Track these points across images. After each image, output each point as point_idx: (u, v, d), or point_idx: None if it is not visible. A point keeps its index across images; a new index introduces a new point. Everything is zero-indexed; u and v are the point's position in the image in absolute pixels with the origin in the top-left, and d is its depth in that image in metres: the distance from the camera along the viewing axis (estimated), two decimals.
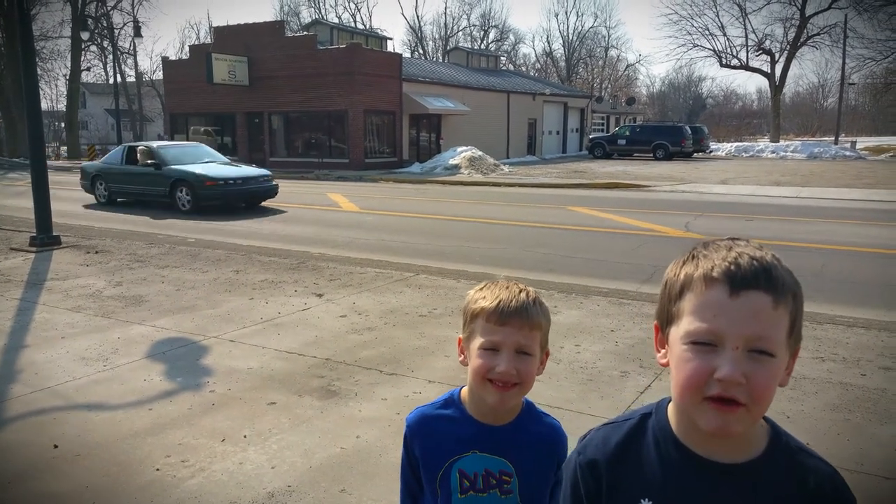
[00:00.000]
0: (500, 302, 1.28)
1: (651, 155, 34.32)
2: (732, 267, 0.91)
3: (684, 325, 0.94)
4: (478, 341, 1.28)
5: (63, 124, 46.37)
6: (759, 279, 0.90)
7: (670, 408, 1.02)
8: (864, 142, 47.95)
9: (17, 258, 8.08)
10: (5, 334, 5.02)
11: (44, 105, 9.48)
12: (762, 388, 0.89)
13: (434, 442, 1.35)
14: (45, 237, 8.72)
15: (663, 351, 1.01)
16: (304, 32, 33.59)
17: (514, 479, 1.32)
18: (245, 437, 3.32)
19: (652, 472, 1.00)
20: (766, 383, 0.90)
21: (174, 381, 4.08)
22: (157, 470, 2.99)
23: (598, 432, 1.09)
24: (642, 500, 0.99)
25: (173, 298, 6.10)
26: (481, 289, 1.34)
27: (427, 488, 1.37)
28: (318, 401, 3.77)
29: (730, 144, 42.55)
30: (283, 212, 13.54)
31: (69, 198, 15.67)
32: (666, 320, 1.00)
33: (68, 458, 3.10)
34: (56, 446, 3.20)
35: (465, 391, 1.38)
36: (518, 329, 1.27)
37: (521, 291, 1.31)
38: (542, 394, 3.84)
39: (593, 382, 4.05)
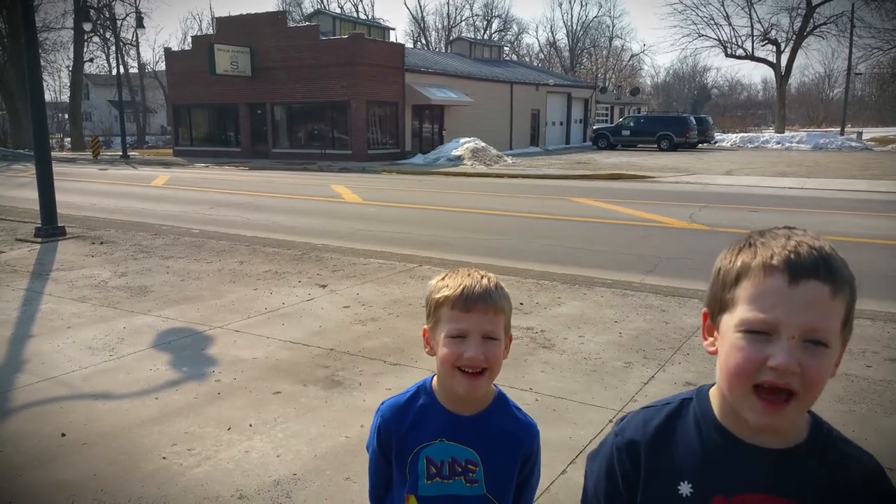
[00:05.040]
0: (463, 289, 1.28)
1: (655, 146, 34.20)
2: (793, 256, 0.90)
3: (739, 313, 0.92)
4: (444, 329, 1.29)
5: (66, 116, 46.36)
6: (819, 269, 0.89)
7: (712, 392, 1.02)
8: (870, 132, 47.65)
9: (23, 249, 8.11)
10: (12, 324, 5.05)
11: (47, 96, 9.50)
12: (816, 377, 0.89)
13: (405, 429, 1.37)
14: (50, 228, 8.75)
15: (711, 339, 1.00)
16: (307, 23, 33.47)
17: (480, 468, 1.34)
18: (251, 425, 3.33)
19: (692, 456, 1.00)
20: (821, 373, 0.89)
21: (180, 370, 4.10)
22: (164, 458, 3.01)
23: (636, 415, 1.08)
24: (681, 483, 0.99)
25: (178, 289, 6.12)
26: (443, 278, 1.34)
27: (397, 475, 1.39)
28: (322, 390, 3.78)
29: (735, 135, 42.38)
30: (288, 203, 13.54)
31: (74, 189, 15.71)
32: (718, 308, 0.98)
33: (76, 446, 3.12)
34: (63, 435, 3.22)
35: (435, 380, 1.39)
36: (483, 315, 1.27)
37: (482, 277, 1.32)
38: (546, 384, 3.86)
39: (597, 373, 4.05)
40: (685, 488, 0.99)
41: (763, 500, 0.95)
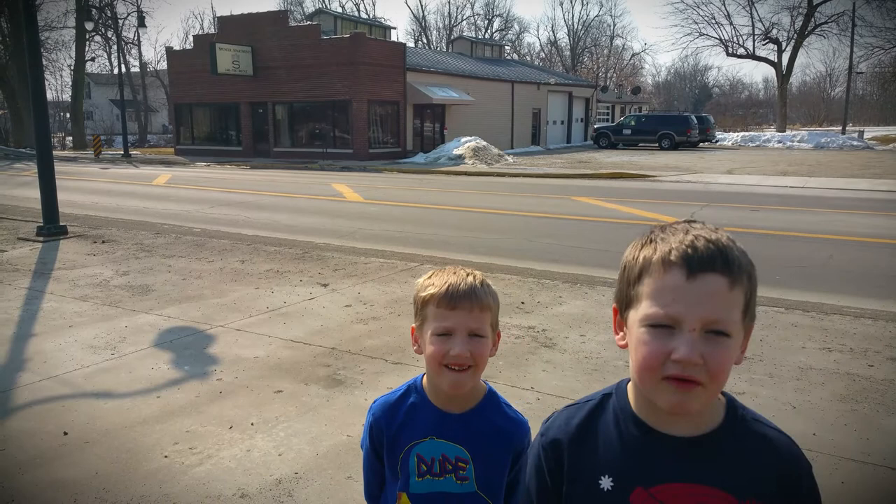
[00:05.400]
0: (449, 287, 1.29)
1: (656, 145, 34.17)
2: (689, 250, 0.92)
3: (643, 309, 0.94)
4: (430, 327, 1.30)
5: (68, 115, 46.38)
6: (716, 262, 0.91)
7: (630, 387, 1.04)
8: (871, 131, 47.59)
9: (25, 248, 8.12)
10: (14, 323, 5.05)
11: (49, 96, 9.50)
12: (719, 367, 0.91)
13: (396, 427, 1.38)
14: (52, 227, 8.75)
15: (622, 333, 1.02)
16: (308, 22, 33.45)
17: (471, 465, 1.35)
18: (252, 424, 3.34)
19: (612, 450, 1.01)
20: (723, 363, 0.91)
21: (181, 369, 4.11)
22: (166, 457, 3.01)
23: (560, 414, 1.10)
24: (602, 478, 1.01)
25: (180, 288, 6.12)
26: (429, 276, 1.35)
27: (389, 472, 1.41)
28: (324, 389, 3.79)
29: (736, 134, 42.32)
30: (289, 201, 13.55)
31: (75, 188, 15.72)
32: (625, 304, 1.00)
33: (78, 445, 3.12)
34: (66, 433, 3.22)
35: (425, 378, 1.40)
36: (469, 312, 1.29)
37: (468, 275, 1.33)
38: (548, 383, 3.86)
39: (598, 372, 4.06)
40: (606, 482, 1.00)
41: (682, 488, 0.96)
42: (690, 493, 0.96)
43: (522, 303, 5.57)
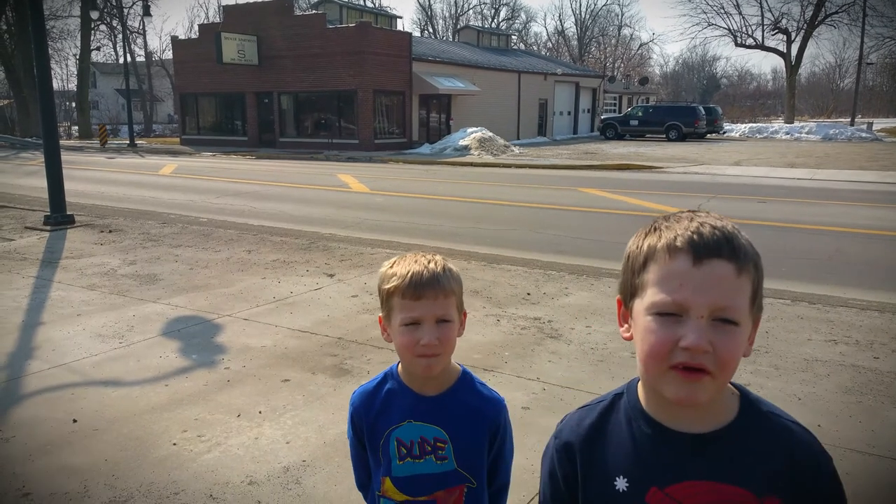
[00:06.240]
0: (412, 276, 1.30)
1: (664, 136, 33.99)
2: (695, 236, 0.91)
3: (649, 297, 0.93)
4: (398, 318, 1.32)
5: (74, 104, 46.45)
6: (722, 248, 0.90)
7: (640, 385, 1.02)
8: (881, 123, 47.23)
9: (32, 237, 8.17)
10: (22, 311, 5.09)
11: (54, 85, 9.51)
12: (728, 356, 0.89)
13: (374, 415, 1.41)
14: (59, 216, 8.80)
15: (626, 325, 1.01)
16: (313, 11, 33.31)
17: (449, 445, 1.38)
18: (260, 412, 3.36)
19: (625, 451, 1.00)
20: (732, 351, 0.89)
21: (189, 358, 4.14)
22: (174, 444, 3.04)
23: (572, 416, 1.09)
24: (617, 479, 0.99)
25: (187, 277, 6.15)
26: (391, 266, 1.36)
27: (372, 459, 1.44)
28: (331, 378, 3.81)
29: (744, 125, 42.08)
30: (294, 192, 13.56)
31: (82, 177, 15.77)
32: (629, 294, 0.99)
33: (87, 432, 3.16)
34: (75, 421, 3.26)
35: (400, 365, 1.43)
36: (434, 300, 1.30)
37: (430, 262, 1.33)
38: (553, 374, 3.87)
39: (604, 363, 4.06)
40: (621, 483, 0.99)
41: (697, 486, 0.94)
42: (707, 490, 0.94)
43: (528, 294, 5.58)
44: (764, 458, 0.95)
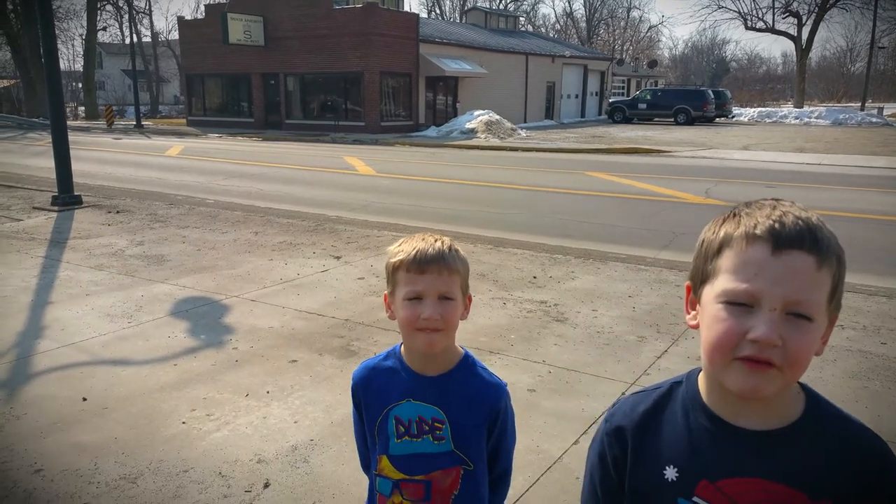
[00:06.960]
0: (417, 252, 1.32)
1: (672, 120, 33.73)
2: (777, 225, 0.87)
3: (720, 284, 0.89)
4: (401, 292, 1.33)
5: (80, 85, 46.37)
6: (804, 239, 0.86)
7: (701, 376, 1.00)
8: (891, 108, 46.67)
9: (40, 217, 8.20)
10: (31, 291, 5.13)
11: (61, 65, 9.49)
12: (799, 352, 0.85)
13: (374, 391, 1.43)
14: (66, 197, 8.82)
15: (693, 312, 0.97)
16: None
17: (447, 425, 1.39)
18: (268, 392, 3.39)
19: (679, 441, 0.97)
20: (804, 347, 0.85)
21: (198, 338, 4.16)
22: (183, 423, 3.08)
23: (626, 400, 1.07)
24: (667, 468, 0.97)
25: (194, 258, 6.18)
26: (399, 244, 1.38)
27: (370, 437, 1.45)
28: (338, 359, 3.83)
29: (753, 109, 41.64)
30: (301, 174, 13.55)
31: (89, 158, 15.79)
32: (700, 280, 0.95)
33: (97, 410, 3.19)
34: (85, 399, 3.29)
35: (403, 345, 1.45)
36: (437, 275, 1.32)
37: (436, 241, 1.35)
38: (559, 357, 3.88)
39: (610, 347, 4.07)
40: (671, 473, 0.97)
41: (750, 483, 0.92)
42: (759, 488, 0.91)
43: (535, 277, 5.58)
44: (826, 462, 0.91)
